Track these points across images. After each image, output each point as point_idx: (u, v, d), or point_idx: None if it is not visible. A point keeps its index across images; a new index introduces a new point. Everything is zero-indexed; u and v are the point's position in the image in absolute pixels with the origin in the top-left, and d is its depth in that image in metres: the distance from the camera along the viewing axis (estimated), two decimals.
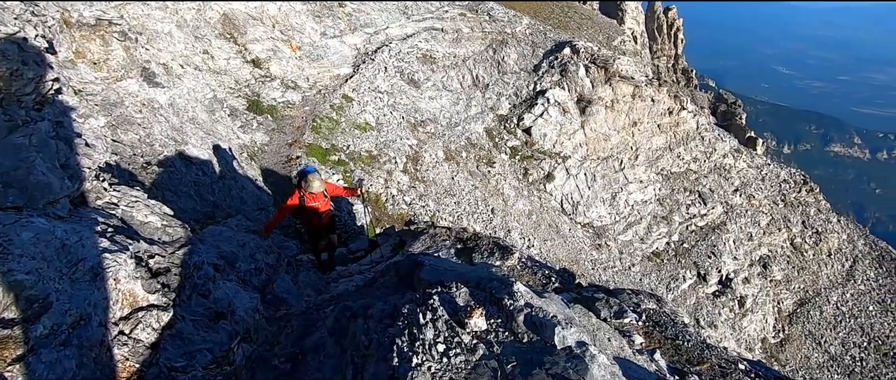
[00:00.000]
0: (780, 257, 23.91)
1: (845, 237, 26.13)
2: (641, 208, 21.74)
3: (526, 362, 2.39)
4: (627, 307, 6.65)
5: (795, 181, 27.02)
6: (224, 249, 4.94)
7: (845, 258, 25.43)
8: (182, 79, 11.45)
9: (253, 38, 15.32)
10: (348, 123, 15.38)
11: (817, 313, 22.70)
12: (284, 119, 14.34)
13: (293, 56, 16.62)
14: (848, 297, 23.65)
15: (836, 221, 26.66)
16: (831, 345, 21.70)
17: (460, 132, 19.02)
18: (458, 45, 21.86)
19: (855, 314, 22.97)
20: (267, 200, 9.32)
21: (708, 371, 5.80)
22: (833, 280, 24.21)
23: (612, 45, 35.51)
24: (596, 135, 21.43)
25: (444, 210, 14.19)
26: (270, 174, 11.34)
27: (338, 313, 2.85)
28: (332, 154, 13.51)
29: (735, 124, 44.95)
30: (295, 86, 15.91)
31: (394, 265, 3.99)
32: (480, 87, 21.35)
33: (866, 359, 21.09)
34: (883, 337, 22.11)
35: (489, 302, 2.83)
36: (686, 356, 5.92)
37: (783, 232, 24.62)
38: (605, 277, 17.56)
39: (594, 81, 22.12)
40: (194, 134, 9.17)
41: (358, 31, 19.40)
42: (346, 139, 14.51)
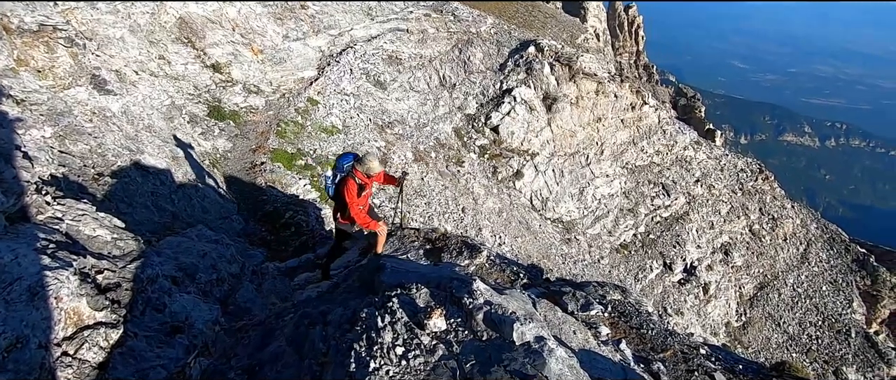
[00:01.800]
0: (740, 244, 24.91)
1: (799, 222, 27.45)
2: (608, 202, 22.25)
3: (485, 361, 2.41)
4: (594, 300, 6.79)
5: (752, 170, 28.20)
6: (183, 260, 4.79)
7: (800, 242, 26.71)
8: (137, 86, 11.03)
9: (212, 42, 14.89)
10: (314, 126, 15.16)
11: (776, 296, 23.77)
12: (247, 124, 14.01)
13: (255, 60, 16.25)
14: (803, 279, 24.86)
15: (790, 207, 27.97)
16: (790, 325, 22.78)
17: (429, 133, 19.02)
18: (423, 45, 21.84)
19: (810, 295, 24.17)
20: (230, 209, 9.08)
21: (671, 358, 5.99)
22: (789, 263, 25.40)
23: (576, 43, 36.16)
24: (562, 131, 21.81)
25: (415, 211, 14.16)
26: (234, 181, 11.06)
27: (297, 320, 2.80)
28: (299, 159, 13.29)
29: (695, 117, 46.49)
30: (258, 90, 15.56)
31: (356, 269, 3.95)
32: (447, 87, 21.40)
33: (822, 337, 22.24)
34: (836, 315, 23.35)
35: (449, 302, 2.84)
36: (650, 344, 6.10)
37: (742, 219, 25.66)
38: (576, 271, 17.89)
39: (559, 79, 22.50)
40: (151, 142, 8.85)
41: (322, 33, 19.14)
42: (313, 143, 14.30)
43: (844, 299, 23.96)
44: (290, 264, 7.00)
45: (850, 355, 21.76)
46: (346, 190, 5.70)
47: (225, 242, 5.85)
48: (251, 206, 10.10)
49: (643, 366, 5.31)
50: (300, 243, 8.76)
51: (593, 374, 3.60)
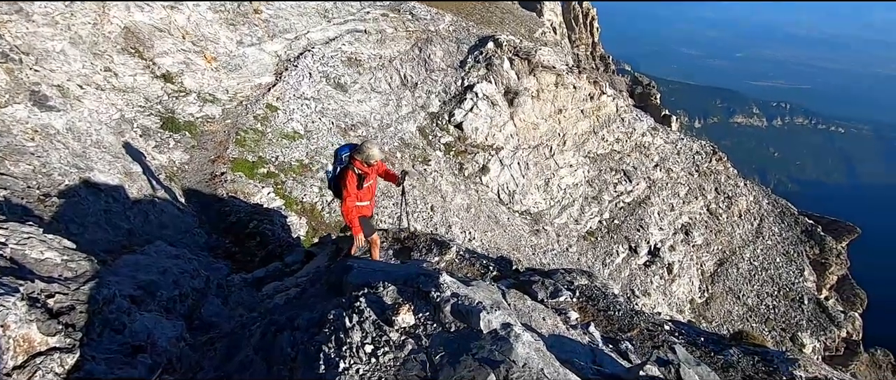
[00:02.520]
0: (700, 223, 25.99)
1: (752, 199, 28.87)
2: (573, 191, 22.77)
3: (454, 351, 2.46)
4: (562, 286, 6.97)
5: (706, 152, 29.43)
6: (142, 278, 4.63)
7: (754, 218, 28.10)
8: (82, 100, 10.52)
9: (161, 51, 14.35)
10: (275, 133, 14.85)
11: (735, 271, 24.96)
12: (204, 135, 13.58)
13: (209, 68, 15.78)
14: (759, 252, 26.19)
15: (743, 186, 29.37)
16: (749, 297, 23.97)
17: (393, 133, 18.96)
18: (382, 45, 21.73)
19: (765, 267, 25.50)
20: (191, 222, 8.81)
21: (637, 336, 6.23)
22: (745, 239, 26.70)
23: (534, 37, 36.77)
24: (525, 124, 22.15)
25: (383, 213, 14.10)
26: (194, 194, 10.72)
27: (264, 328, 2.78)
28: (261, 167, 13.01)
29: (651, 104, 48.07)
30: (213, 99, 15.11)
31: (324, 273, 3.93)
32: (409, 86, 21.37)
33: (778, 306, 23.52)
34: (790, 284, 24.72)
35: (417, 297, 2.88)
36: (617, 325, 6.32)
37: (700, 200, 26.77)
38: (546, 261, 18.24)
39: (519, 73, 22.84)
40: (100, 159, 8.47)
41: (277, 37, 18.75)
42: (275, 150, 14.01)
43: (796, 268, 25.41)
44: (257, 275, 6.87)
45: (804, 321, 23.12)
46: (345, 181, 5.44)
47: (187, 256, 5.69)
48: (213, 218, 9.83)
49: (611, 346, 5.49)
50: (267, 253, 8.59)
51: (562, 357, 3.72)
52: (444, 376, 2.36)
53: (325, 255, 7.27)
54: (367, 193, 5.74)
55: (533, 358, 2.57)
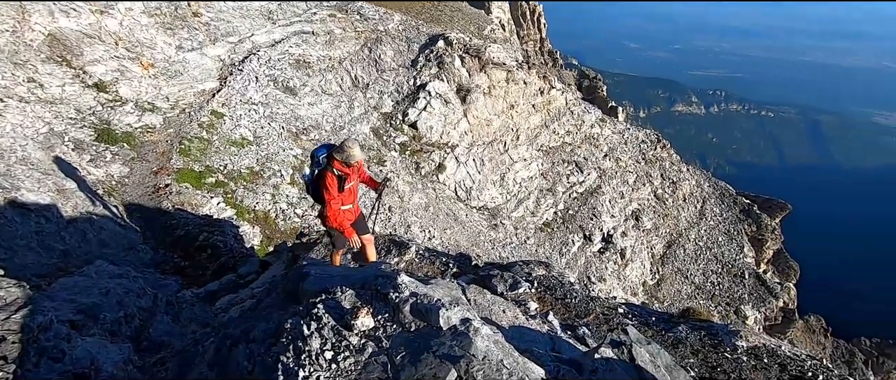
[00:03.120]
0: (648, 209, 27.23)
1: (695, 183, 30.53)
2: (528, 184, 23.28)
3: (415, 350, 2.49)
4: (520, 278, 7.14)
5: (651, 141, 30.84)
6: (82, 301, 4.37)
7: (697, 201, 29.74)
8: (3, 114, 9.75)
9: (92, 59, 13.49)
10: (222, 140, 14.31)
11: (682, 252, 26.35)
12: (145, 145, 12.90)
13: (146, 75, 14.98)
14: (703, 233, 27.77)
15: (686, 171, 31.00)
16: (696, 276, 25.39)
17: (346, 135, 18.70)
18: (331, 47, 21.35)
19: (709, 246, 27.08)
20: (134, 238, 8.36)
21: (594, 321, 6.47)
22: (690, 221, 28.23)
23: (483, 35, 37.18)
24: (479, 121, 22.41)
25: None
26: (136, 209, 10.17)
27: (218, 342, 2.70)
28: (208, 176, 12.50)
29: (598, 97, 49.76)
30: (153, 107, 14.36)
31: (280, 282, 3.86)
32: (361, 87, 21.13)
33: (722, 282, 25.08)
34: (732, 261, 26.39)
35: (376, 299, 2.89)
36: (574, 312, 6.54)
37: (647, 186, 28.03)
38: (505, 254, 18.57)
39: (470, 70, 23.06)
40: (28, 177, 7.88)
41: (220, 41, 18.04)
42: (223, 158, 13.50)
43: (737, 246, 27.15)
44: (210, 289, 6.62)
45: (746, 295, 24.76)
46: (324, 183, 5.09)
47: (131, 275, 5.41)
48: (159, 232, 9.36)
49: (570, 332, 5.68)
50: (219, 265, 8.28)
51: (522, 347, 3.82)
52: (406, 376, 2.39)
53: (281, 263, 7.10)
54: (350, 196, 5.43)
55: (492, 351, 2.64)
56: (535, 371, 2.82)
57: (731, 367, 5.95)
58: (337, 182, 5.14)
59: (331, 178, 5.11)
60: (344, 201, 5.32)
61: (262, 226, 11.73)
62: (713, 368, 5.92)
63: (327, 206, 5.19)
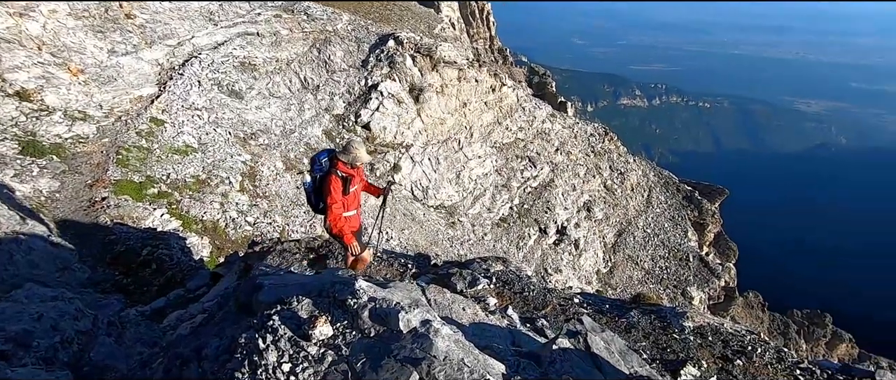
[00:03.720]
0: (599, 200, 28.24)
1: (641, 173, 31.94)
2: (484, 181, 23.57)
3: (375, 356, 2.49)
4: (479, 275, 7.24)
5: (599, 134, 31.98)
6: (11, 329, 4.06)
7: (643, 190, 31.14)
8: None
9: (12, 65, 12.45)
10: (164, 148, 13.59)
11: (632, 240, 27.54)
12: (77, 157, 12.06)
13: (75, 81, 13.99)
14: (650, 220, 29.13)
15: (632, 162, 32.38)
16: (645, 262, 26.61)
17: (297, 139, 18.24)
18: (278, 48, 20.73)
19: (657, 233, 28.45)
20: (69, 257, 7.80)
21: (551, 312, 6.67)
22: (638, 210, 29.53)
23: (434, 34, 37.24)
24: (432, 120, 22.45)
25: (295, 222, 13.56)
26: (70, 225, 9.49)
27: (167, 363, 2.58)
28: (150, 187, 11.85)
29: (548, 93, 51.02)
30: (84, 116, 13.44)
31: (233, 294, 3.73)
32: (311, 89, 20.65)
33: (669, 266, 26.44)
34: (677, 245, 27.85)
35: (334, 306, 2.85)
36: (533, 304, 6.72)
37: (597, 178, 29.06)
38: (463, 252, 18.73)
39: (422, 69, 23.05)
40: None
41: (157, 44, 17.11)
42: (165, 167, 12.83)
43: (681, 231, 28.68)
44: (156, 306, 6.29)
45: (691, 277, 26.22)
46: (328, 187, 4.82)
47: (67, 296, 5.07)
48: (97, 249, 8.78)
49: (529, 325, 5.83)
50: (166, 280, 7.88)
51: (483, 343, 3.89)
52: None
53: (233, 274, 6.85)
54: (354, 201, 5.23)
55: (453, 350, 2.67)
56: (496, 367, 2.88)
57: (680, 347, 6.30)
58: (341, 185, 4.92)
59: (335, 180, 4.88)
60: (347, 207, 5.12)
61: (211, 236, 11.25)
62: (663, 349, 6.25)
63: (328, 210, 4.94)
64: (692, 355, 6.02)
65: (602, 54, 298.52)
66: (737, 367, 5.90)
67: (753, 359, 6.06)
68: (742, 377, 5.80)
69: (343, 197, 4.96)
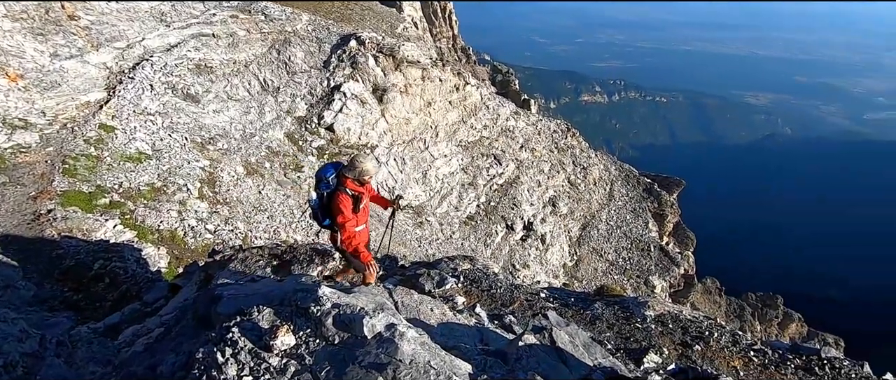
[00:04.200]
0: (563, 194, 28.83)
1: (603, 167, 32.80)
2: (450, 180, 23.65)
3: (339, 363, 2.46)
4: (447, 274, 7.27)
5: (562, 130, 32.63)
6: None
7: (606, 183, 32.00)
8: None
9: None
10: (115, 156, 12.98)
11: (596, 232, 28.27)
12: (19, 168, 11.37)
13: (14, 87, 13.19)
14: (613, 213, 29.98)
15: (595, 156, 33.21)
16: (609, 253, 27.38)
17: (258, 142, 17.78)
18: (235, 50, 20.13)
19: (619, 225, 29.31)
20: (12, 275, 7.33)
21: (519, 308, 6.77)
22: (601, 203, 30.32)
23: (396, 33, 37.00)
24: (397, 120, 22.35)
25: (257, 228, 13.21)
26: (12, 241, 8.93)
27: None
28: (100, 197, 11.28)
29: (511, 90, 51.56)
30: (26, 124, 12.69)
31: (191, 306, 3.60)
32: (271, 91, 20.16)
33: (632, 256, 27.30)
34: (639, 236, 28.79)
35: (296, 314, 2.81)
36: (500, 301, 6.79)
37: (561, 174, 29.66)
38: (432, 251, 18.74)
39: (385, 69, 22.89)
40: None
41: (104, 47, 16.32)
42: (117, 176, 12.25)
43: (642, 222, 29.66)
44: (110, 322, 6.00)
45: (653, 266, 27.17)
46: (337, 206, 4.67)
47: (10, 317, 4.77)
48: (43, 265, 8.29)
49: (497, 322, 5.89)
50: (120, 294, 7.53)
51: (451, 343, 3.91)
52: None
53: (192, 285, 6.62)
54: (364, 215, 5.06)
55: (419, 353, 2.68)
56: (463, 368, 2.90)
57: (642, 335, 6.51)
58: (351, 203, 4.78)
59: (345, 199, 4.73)
60: (358, 222, 4.98)
61: (168, 246, 10.82)
62: (627, 338, 6.45)
63: (342, 229, 4.81)
64: (654, 342, 6.24)
65: (563, 52, 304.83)
66: (696, 352, 6.15)
67: (711, 343, 6.34)
68: (700, 361, 6.06)
69: (354, 214, 4.86)
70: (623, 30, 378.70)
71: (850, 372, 5.81)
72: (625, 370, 4.58)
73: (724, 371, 5.79)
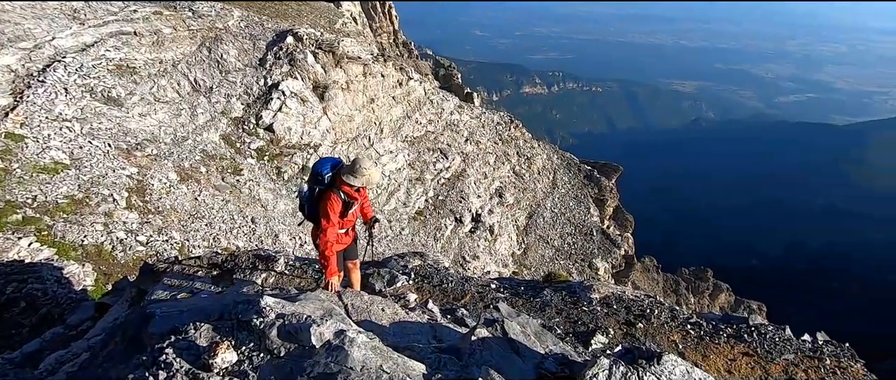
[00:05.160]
0: (509, 185, 29.45)
1: (545, 157, 33.79)
2: (397, 176, 23.49)
3: (285, 377, 2.37)
4: (397, 272, 7.21)
5: (505, 122, 33.26)
6: None
7: (549, 172, 33.01)
8: None
9: None
10: (26, 168, 11.80)
11: (541, 220, 29.14)
12: None
13: None
14: (557, 201, 31.02)
15: (538, 146, 34.14)
16: (555, 240, 28.33)
17: (192, 146, 16.79)
18: (161, 48, 18.84)
19: (563, 212, 30.38)
20: None
21: (470, 300, 6.84)
22: (545, 191, 31.27)
23: (335, 29, 36.09)
24: (340, 118, 21.86)
25: (195, 237, 12.51)
26: None
27: None
28: (11, 213, 10.23)
29: (454, 84, 51.83)
30: None
31: (120, 327, 3.34)
32: (203, 91, 19.07)
33: (576, 242, 28.42)
34: (582, 222, 29.99)
35: (238, 329, 2.67)
36: (452, 295, 6.83)
37: (506, 165, 30.26)
38: (382, 248, 18.55)
39: (325, 66, 22.28)
40: None
41: (7, 47, 14.76)
42: (29, 189, 11.16)
43: (584, 208, 30.91)
44: (29, 350, 5.47)
45: (596, 249, 28.42)
46: (325, 206, 4.42)
47: None
48: None
49: (450, 316, 5.92)
50: (39, 318, 6.88)
51: (404, 343, 3.88)
52: None
53: (123, 302, 6.18)
54: (351, 221, 4.84)
55: (370, 358, 2.62)
56: (416, 368, 2.88)
57: (589, 318, 6.79)
58: (341, 208, 4.53)
59: (335, 200, 4.46)
60: (343, 226, 4.75)
61: (94, 262, 10.01)
62: (574, 322, 6.69)
63: (324, 231, 4.54)
64: (600, 324, 6.51)
65: (503, 45, 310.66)
66: (639, 329, 6.49)
67: (652, 320, 6.70)
68: (643, 338, 6.39)
69: (339, 219, 4.62)
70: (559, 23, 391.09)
71: (774, 336, 6.35)
72: (574, 355, 4.75)
73: (666, 346, 6.15)
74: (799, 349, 6.16)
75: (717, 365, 5.84)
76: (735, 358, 5.94)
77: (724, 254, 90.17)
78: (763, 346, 6.12)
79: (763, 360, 5.90)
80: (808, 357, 6.01)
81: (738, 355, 5.97)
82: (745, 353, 6.01)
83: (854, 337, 7.51)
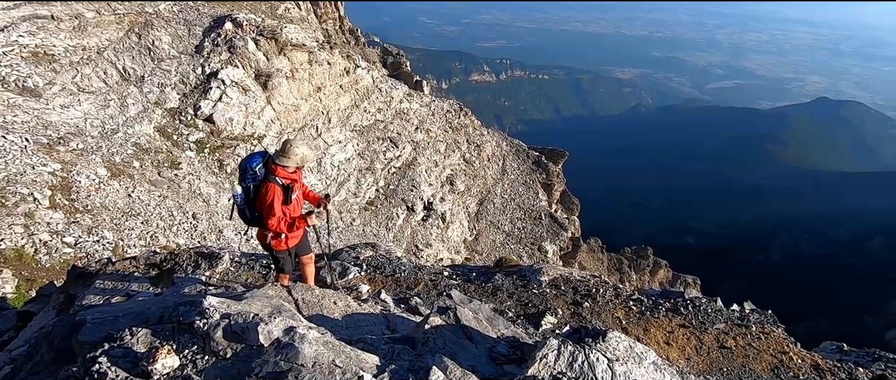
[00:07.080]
0: (460, 173, 29.70)
1: (495, 144, 34.30)
2: (346, 166, 23.07)
3: (234, 378, 2.30)
4: (349, 264, 7.13)
5: (455, 110, 33.38)
6: None
7: (498, 159, 33.57)
8: None
9: None
10: None
11: (492, 207, 29.68)
12: None
13: None
14: (506, 187, 31.65)
15: (487, 134, 34.56)
16: (505, 225, 28.97)
17: (122, 139, 15.67)
18: (84, 34, 17.36)
19: (513, 197, 31.07)
20: None
21: (424, 289, 6.88)
22: (495, 178, 31.81)
23: (277, 14, 34.58)
24: (285, 107, 21.10)
25: (130, 236, 11.76)
26: None
27: None
28: None
29: (403, 72, 51.24)
30: None
31: (46, 337, 3.11)
32: (134, 81, 17.79)
33: (526, 226, 29.21)
34: (531, 206, 30.82)
35: (179, 332, 2.55)
36: (405, 285, 6.85)
37: (456, 153, 30.46)
38: (333, 240, 18.20)
39: (267, 54, 21.35)
40: None
41: None
42: None
43: (533, 193, 31.74)
44: None
45: (544, 233, 29.33)
46: (266, 200, 4.23)
47: None
48: None
49: (404, 306, 5.94)
50: None
51: (357, 336, 3.85)
52: None
53: (50, 310, 5.74)
54: (297, 209, 4.61)
55: (322, 354, 2.59)
56: (369, 360, 2.88)
57: (539, 300, 7.01)
58: (282, 193, 4.34)
59: (274, 189, 4.27)
60: (292, 216, 4.53)
61: (14, 267, 9.19)
62: (525, 305, 6.90)
63: (271, 219, 4.35)
64: (549, 305, 6.75)
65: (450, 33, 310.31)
66: (585, 309, 6.78)
67: (597, 299, 7.03)
68: (590, 317, 6.69)
69: (285, 207, 4.44)
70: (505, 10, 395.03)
71: (707, 308, 6.84)
72: (525, 337, 4.90)
73: (610, 323, 6.47)
74: (729, 318, 6.67)
75: (657, 338, 6.23)
76: (673, 330, 6.35)
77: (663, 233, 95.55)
78: (697, 317, 6.58)
79: (698, 330, 6.34)
80: (737, 325, 6.53)
81: (675, 328, 6.39)
82: (681, 325, 6.44)
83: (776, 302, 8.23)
